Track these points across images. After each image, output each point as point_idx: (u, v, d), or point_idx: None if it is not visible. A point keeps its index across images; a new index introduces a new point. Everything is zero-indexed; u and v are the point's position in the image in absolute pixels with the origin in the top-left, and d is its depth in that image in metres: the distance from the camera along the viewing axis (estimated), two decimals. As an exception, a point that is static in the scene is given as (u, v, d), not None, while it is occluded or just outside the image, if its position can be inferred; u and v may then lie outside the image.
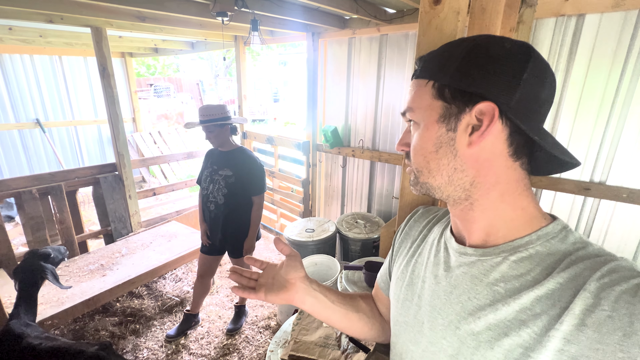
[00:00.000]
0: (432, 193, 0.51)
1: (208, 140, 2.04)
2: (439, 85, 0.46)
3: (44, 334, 1.42)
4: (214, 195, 2.04)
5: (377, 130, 2.74)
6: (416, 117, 0.49)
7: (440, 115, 0.46)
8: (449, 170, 0.47)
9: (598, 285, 0.36)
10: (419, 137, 0.49)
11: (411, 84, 0.51)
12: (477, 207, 0.48)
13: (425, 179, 0.50)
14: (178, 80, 11.45)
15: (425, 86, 0.48)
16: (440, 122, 0.46)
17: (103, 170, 2.97)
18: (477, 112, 0.43)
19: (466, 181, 0.47)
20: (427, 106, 0.47)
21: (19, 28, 3.12)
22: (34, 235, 2.50)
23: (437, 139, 0.47)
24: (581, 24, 1.71)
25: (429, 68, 0.48)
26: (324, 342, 1.40)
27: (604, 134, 1.75)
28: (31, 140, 4.50)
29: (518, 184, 0.46)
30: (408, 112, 0.50)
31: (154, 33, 3.10)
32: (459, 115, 0.44)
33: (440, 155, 0.47)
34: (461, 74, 0.44)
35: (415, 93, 0.49)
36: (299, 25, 2.75)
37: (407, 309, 0.56)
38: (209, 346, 2.24)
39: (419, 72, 0.50)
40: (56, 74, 4.60)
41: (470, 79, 0.43)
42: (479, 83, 0.42)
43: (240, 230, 2.12)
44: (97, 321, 2.34)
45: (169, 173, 5.50)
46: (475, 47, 0.44)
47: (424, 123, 0.48)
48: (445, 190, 0.49)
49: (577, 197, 1.90)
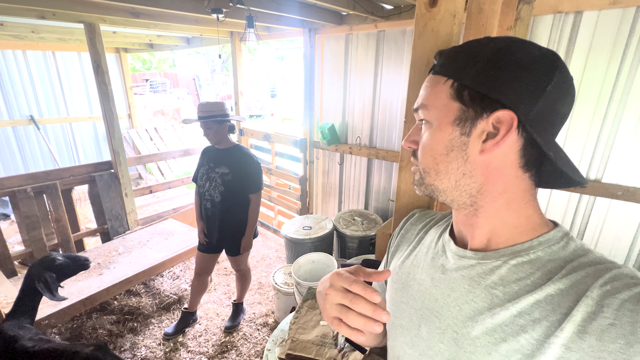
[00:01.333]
0: (437, 195, 0.50)
1: (206, 137, 2.02)
2: (458, 86, 0.44)
3: (38, 335, 1.39)
4: (210, 193, 2.04)
5: (375, 127, 2.73)
6: (430, 116, 0.47)
7: (456, 117, 0.44)
8: (457, 175, 0.46)
9: (600, 293, 0.36)
10: (430, 138, 0.47)
11: (428, 79, 0.49)
12: (481, 213, 0.47)
13: (432, 181, 0.48)
14: (174, 76, 11.35)
15: (444, 84, 0.45)
16: (454, 125, 0.44)
17: (99, 168, 2.95)
18: (495, 120, 0.42)
19: (473, 187, 0.46)
20: (443, 106, 0.45)
21: (10, 23, 3.07)
22: (30, 234, 2.48)
23: (449, 141, 0.45)
24: (579, 21, 1.70)
25: (450, 65, 0.45)
26: (321, 341, 1.41)
27: (600, 132, 1.76)
28: (25, 137, 4.44)
29: (525, 193, 0.45)
30: (422, 109, 0.48)
31: (148, 29, 3.06)
32: (475, 121, 0.43)
33: (451, 159, 0.45)
34: (484, 77, 0.42)
35: (432, 90, 0.47)
36: (296, 21, 2.72)
37: (402, 311, 0.55)
38: (207, 344, 2.25)
39: (438, 68, 0.47)
40: (50, 70, 4.53)
41: (492, 83, 0.41)
42: (500, 89, 0.41)
43: (237, 228, 2.11)
44: (95, 320, 2.34)
45: (166, 170, 5.47)
46: (501, 50, 0.42)
47: (437, 123, 0.46)
48: (450, 195, 0.48)
49: (573, 195, 1.91)
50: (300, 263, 2.24)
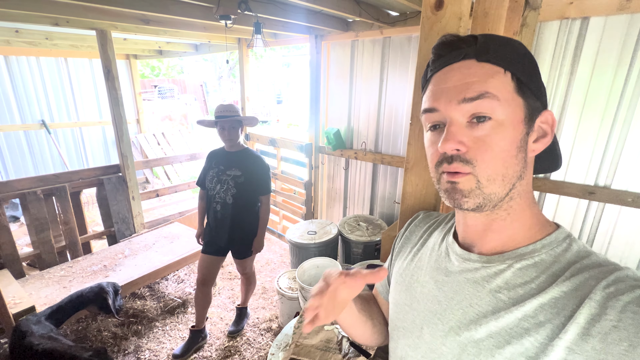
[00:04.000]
0: (485, 205, 0.43)
1: (222, 137, 2.00)
2: (518, 80, 0.41)
3: (49, 333, 1.46)
4: (221, 196, 2.02)
5: (380, 132, 2.73)
6: (499, 111, 0.40)
7: (525, 115, 0.42)
8: (515, 179, 0.42)
9: (604, 295, 0.36)
10: (502, 137, 0.40)
11: (469, 65, 0.41)
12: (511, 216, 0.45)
13: (495, 189, 0.42)
14: (182, 82, 11.52)
15: (504, 75, 0.40)
16: (524, 123, 0.42)
17: (107, 171, 2.99)
18: (543, 120, 0.43)
19: (520, 190, 0.44)
20: (512, 100, 0.41)
21: (25, 30, 3.16)
22: (38, 235, 2.52)
23: (520, 141, 0.41)
24: (586, 27, 1.70)
25: (503, 55, 0.41)
26: (325, 346, 1.40)
27: (609, 137, 1.74)
28: (36, 141, 4.54)
29: (532, 191, 0.47)
30: (488, 99, 0.40)
31: (158, 35, 3.12)
32: (533, 120, 0.43)
33: (518, 161, 0.42)
34: (531, 76, 0.42)
35: (494, 79, 0.40)
36: (302, 27, 2.76)
37: (405, 313, 0.55)
38: (211, 348, 2.24)
39: (489, 56, 0.40)
40: (62, 76, 4.64)
41: (536, 84, 0.42)
42: (541, 90, 0.42)
43: (248, 230, 2.11)
44: (100, 322, 2.35)
45: (172, 174, 5.53)
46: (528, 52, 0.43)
47: (509, 120, 0.40)
48: (497, 202, 0.43)
49: (582, 201, 1.88)
50: (304, 268, 2.23)
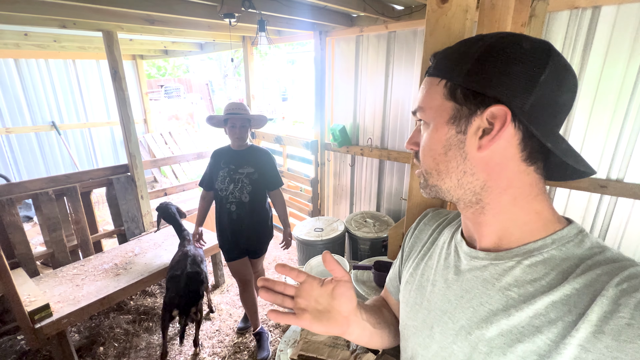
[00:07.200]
0: (442, 196, 0.50)
1: (230, 135, 1.98)
2: (451, 85, 0.45)
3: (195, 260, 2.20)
4: (236, 195, 1.98)
5: (386, 128, 2.71)
6: (426, 117, 0.48)
7: (450, 116, 0.45)
8: (458, 174, 0.46)
9: (616, 292, 0.35)
10: (428, 138, 0.48)
11: (424, 82, 0.50)
12: (488, 210, 0.47)
13: (435, 182, 0.49)
14: (188, 81, 11.59)
15: (437, 85, 0.46)
16: (450, 124, 0.45)
17: (116, 171, 3.03)
18: (489, 116, 0.42)
19: (476, 185, 0.46)
20: (438, 106, 0.46)
21: (34, 33, 3.20)
22: (51, 235, 2.57)
23: (446, 140, 0.46)
24: (597, 17, 1.65)
25: (442, 66, 0.47)
26: (333, 342, 1.40)
27: (622, 129, 1.70)
28: (47, 142, 4.62)
29: (532, 188, 0.45)
30: (418, 111, 0.49)
31: (163, 35, 3.14)
32: (470, 118, 0.43)
33: (449, 158, 0.46)
34: (475, 74, 0.42)
35: (427, 92, 0.48)
36: (306, 24, 2.74)
37: (416, 312, 0.55)
38: (220, 344, 2.27)
39: (432, 70, 0.49)
40: (70, 77, 4.72)
41: (483, 80, 0.41)
42: (492, 85, 0.41)
43: (263, 226, 2.10)
44: (112, 319, 2.40)
45: (180, 173, 5.58)
46: (491, 46, 0.42)
47: (433, 123, 0.47)
48: (455, 194, 0.48)
49: (593, 195, 1.84)
50: (311, 265, 2.24)
